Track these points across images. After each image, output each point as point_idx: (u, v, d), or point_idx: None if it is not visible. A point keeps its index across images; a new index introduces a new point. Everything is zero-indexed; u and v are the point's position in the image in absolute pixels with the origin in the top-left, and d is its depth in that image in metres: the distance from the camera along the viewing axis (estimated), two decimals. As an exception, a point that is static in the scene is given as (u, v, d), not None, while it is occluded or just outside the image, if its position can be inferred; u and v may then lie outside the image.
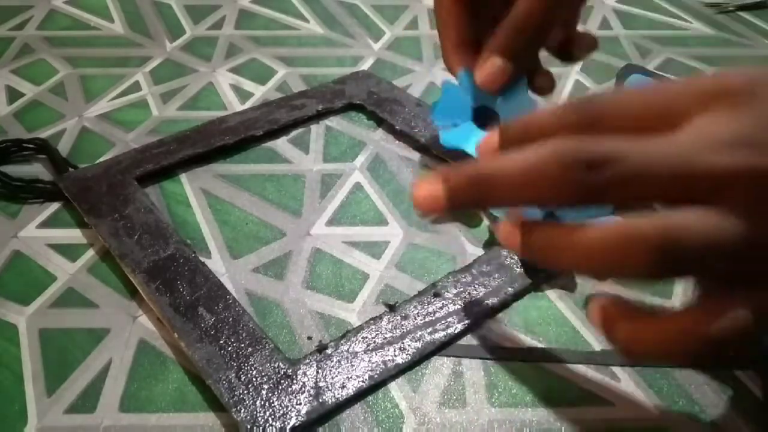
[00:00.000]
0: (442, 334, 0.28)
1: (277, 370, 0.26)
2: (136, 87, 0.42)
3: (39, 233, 0.32)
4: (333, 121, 0.40)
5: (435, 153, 0.37)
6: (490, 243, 0.33)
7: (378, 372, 0.26)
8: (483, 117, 0.34)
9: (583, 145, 0.21)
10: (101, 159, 0.36)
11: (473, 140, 0.33)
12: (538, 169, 0.21)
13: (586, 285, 0.31)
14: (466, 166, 0.22)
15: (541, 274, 0.31)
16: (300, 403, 0.25)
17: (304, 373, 0.26)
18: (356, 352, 0.27)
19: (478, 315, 0.29)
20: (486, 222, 0.34)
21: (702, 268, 0.20)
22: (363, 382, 0.26)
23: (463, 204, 0.23)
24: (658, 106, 0.22)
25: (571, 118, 0.23)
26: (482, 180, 0.22)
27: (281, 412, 0.25)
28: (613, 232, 0.20)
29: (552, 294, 0.31)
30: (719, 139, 0.20)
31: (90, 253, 0.31)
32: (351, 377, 0.26)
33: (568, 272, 0.29)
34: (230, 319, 0.28)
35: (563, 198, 0.21)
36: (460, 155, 0.36)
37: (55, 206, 0.34)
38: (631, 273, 0.20)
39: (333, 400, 0.25)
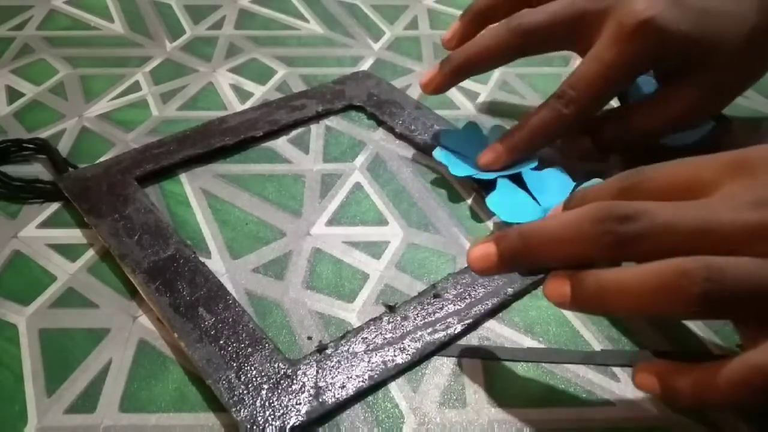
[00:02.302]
0: (442, 334, 0.28)
1: (277, 370, 0.26)
2: (136, 87, 0.42)
3: (39, 233, 0.32)
4: (333, 121, 0.40)
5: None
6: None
7: (378, 372, 0.26)
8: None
9: (618, 203, 0.23)
10: (101, 159, 0.36)
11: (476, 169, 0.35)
12: (576, 224, 0.23)
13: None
14: (516, 227, 0.25)
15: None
16: (300, 403, 0.25)
17: (304, 373, 0.26)
18: (356, 353, 0.27)
19: (478, 315, 0.29)
20: (486, 221, 0.34)
21: (745, 305, 0.21)
22: (363, 382, 0.26)
23: (514, 261, 0.25)
24: (688, 175, 0.24)
25: (615, 187, 0.25)
26: (529, 238, 0.24)
27: (281, 412, 0.25)
28: (661, 269, 0.22)
29: (552, 294, 0.31)
30: (743, 201, 0.22)
31: (90, 253, 0.31)
32: (351, 377, 0.26)
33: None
34: (230, 319, 0.28)
35: (598, 250, 0.23)
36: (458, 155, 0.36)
37: (55, 206, 0.34)
38: (677, 310, 0.22)
39: (333, 400, 0.25)
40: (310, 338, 0.28)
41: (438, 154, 0.36)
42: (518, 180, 0.34)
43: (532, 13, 0.34)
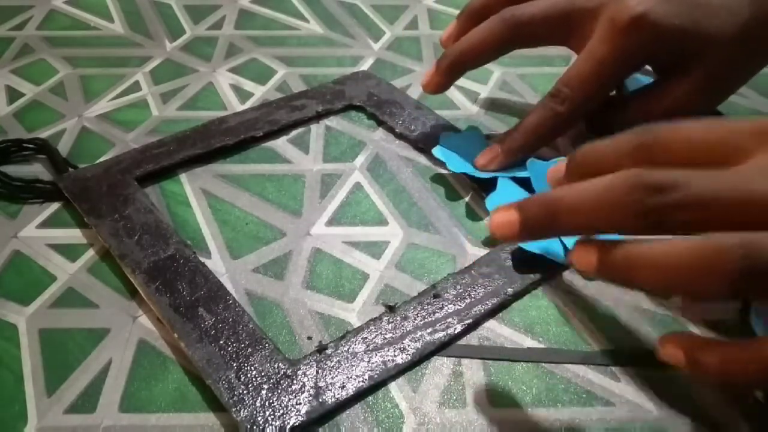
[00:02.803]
0: (442, 334, 0.28)
1: (277, 370, 0.26)
2: (136, 87, 0.42)
3: (39, 233, 0.32)
4: (333, 121, 0.40)
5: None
6: (491, 242, 0.33)
7: (378, 372, 0.26)
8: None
9: (650, 172, 0.22)
10: (101, 159, 0.36)
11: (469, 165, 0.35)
12: (607, 193, 0.22)
13: (582, 283, 0.31)
14: (539, 194, 0.24)
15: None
16: (300, 403, 0.25)
17: (304, 373, 0.26)
18: (356, 353, 0.27)
19: (478, 315, 0.29)
20: (486, 221, 0.34)
21: None
22: (363, 382, 0.26)
23: (537, 229, 0.24)
24: (716, 141, 0.23)
25: (629, 148, 0.24)
26: (554, 206, 0.23)
27: (281, 412, 0.25)
28: (697, 246, 0.21)
29: (552, 294, 0.31)
30: None
31: (90, 253, 0.31)
32: (351, 377, 0.26)
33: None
34: (230, 319, 0.28)
35: (630, 221, 0.22)
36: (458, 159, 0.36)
37: (55, 206, 0.34)
38: (711, 288, 0.21)
39: (333, 400, 0.25)
40: (310, 338, 0.28)
41: (437, 151, 0.36)
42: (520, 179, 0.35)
43: (526, 6, 0.34)
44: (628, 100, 0.36)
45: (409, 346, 0.27)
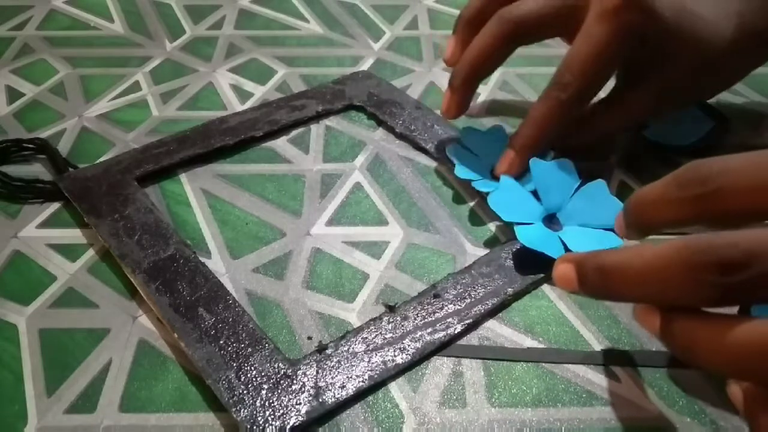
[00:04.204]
0: (442, 334, 0.28)
1: (277, 370, 0.26)
2: (136, 87, 0.42)
3: (39, 233, 0.32)
4: (333, 121, 0.40)
5: (434, 155, 0.37)
6: (491, 242, 0.33)
7: (378, 372, 0.26)
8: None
9: (715, 246, 0.19)
10: (101, 159, 0.36)
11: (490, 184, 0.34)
12: (664, 269, 0.20)
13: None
14: (596, 255, 0.23)
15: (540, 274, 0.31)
16: (300, 403, 0.25)
17: (304, 373, 0.26)
18: (356, 353, 0.27)
19: (478, 315, 0.29)
20: (485, 221, 0.34)
21: None
22: (363, 382, 0.26)
23: (593, 292, 0.24)
24: None
25: (690, 197, 0.22)
26: (609, 275, 0.22)
27: (281, 412, 0.25)
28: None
29: (552, 294, 0.31)
30: None
31: (90, 253, 0.31)
32: (351, 377, 0.26)
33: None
34: (230, 319, 0.28)
35: (693, 300, 0.20)
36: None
37: (55, 206, 0.34)
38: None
39: (333, 400, 0.25)
40: (310, 338, 0.28)
41: (450, 150, 0.36)
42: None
43: (520, 4, 0.34)
44: (591, 111, 0.36)
45: (409, 346, 0.27)
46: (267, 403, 0.25)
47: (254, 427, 0.24)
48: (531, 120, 0.34)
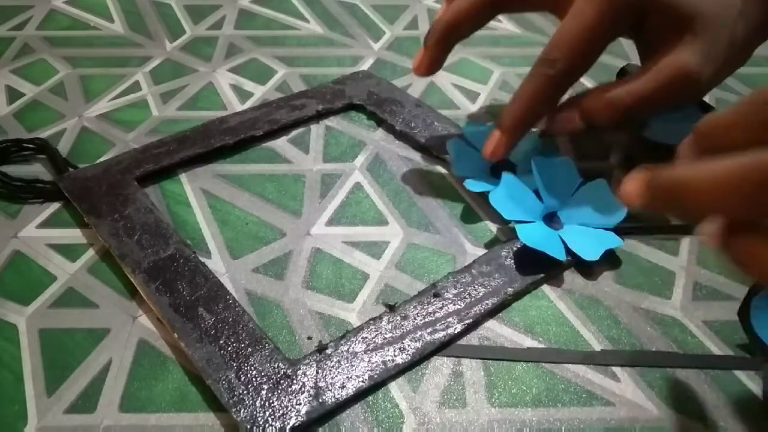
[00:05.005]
0: (442, 334, 0.28)
1: (277, 370, 0.26)
2: (136, 87, 0.42)
3: (39, 233, 0.32)
4: (333, 121, 0.40)
5: (435, 153, 0.38)
6: (491, 243, 0.33)
7: (378, 372, 0.26)
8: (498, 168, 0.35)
9: None
10: (101, 159, 0.36)
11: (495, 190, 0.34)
12: (737, 180, 0.20)
13: (583, 283, 0.31)
14: (667, 170, 0.23)
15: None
16: (300, 403, 0.25)
17: (304, 373, 0.26)
18: (356, 352, 0.27)
19: (478, 315, 0.29)
20: (486, 221, 0.34)
21: None
22: (363, 382, 0.26)
23: (660, 205, 0.23)
24: None
25: (756, 118, 0.21)
26: (679, 186, 0.22)
27: (281, 412, 0.25)
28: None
29: (552, 294, 0.31)
30: None
31: (90, 253, 0.31)
32: (351, 377, 0.26)
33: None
34: (230, 319, 0.28)
35: (761, 215, 0.20)
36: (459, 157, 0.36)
37: (55, 206, 0.34)
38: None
39: (333, 400, 0.25)
40: (310, 338, 0.28)
41: (451, 146, 0.36)
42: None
43: None
44: (615, 84, 0.34)
45: (409, 345, 0.27)
46: (267, 404, 0.25)
47: (254, 428, 0.24)
48: (517, 98, 0.33)
